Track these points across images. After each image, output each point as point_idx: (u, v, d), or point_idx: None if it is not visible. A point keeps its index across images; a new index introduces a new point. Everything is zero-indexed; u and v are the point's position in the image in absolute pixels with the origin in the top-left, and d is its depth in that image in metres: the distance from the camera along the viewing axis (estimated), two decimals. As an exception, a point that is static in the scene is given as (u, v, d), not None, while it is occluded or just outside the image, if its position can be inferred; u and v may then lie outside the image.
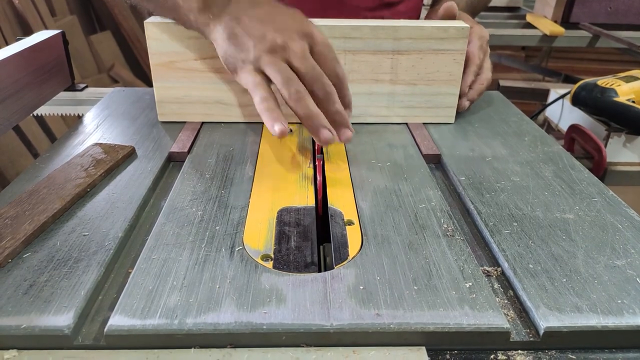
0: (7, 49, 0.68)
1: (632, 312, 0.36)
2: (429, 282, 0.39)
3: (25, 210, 0.46)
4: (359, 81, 0.68)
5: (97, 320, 0.37)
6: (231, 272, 0.40)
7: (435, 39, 0.65)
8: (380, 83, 0.68)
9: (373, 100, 0.69)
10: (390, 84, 0.68)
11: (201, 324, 0.34)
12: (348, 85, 0.58)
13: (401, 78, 0.68)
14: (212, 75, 0.67)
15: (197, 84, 0.67)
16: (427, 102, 0.70)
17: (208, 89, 0.68)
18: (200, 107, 0.69)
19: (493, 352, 0.35)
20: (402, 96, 0.69)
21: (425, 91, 0.69)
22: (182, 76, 0.67)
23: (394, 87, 0.68)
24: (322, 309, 0.36)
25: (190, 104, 0.69)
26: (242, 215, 0.48)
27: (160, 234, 0.44)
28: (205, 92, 0.68)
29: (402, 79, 0.68)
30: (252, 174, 0.56)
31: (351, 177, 0.55)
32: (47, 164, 0.57)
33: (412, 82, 0.68)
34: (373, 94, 0.69)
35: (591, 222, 0.47)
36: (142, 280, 0.38)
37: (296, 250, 0.43)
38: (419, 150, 0.62)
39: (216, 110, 0.69)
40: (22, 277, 0.39)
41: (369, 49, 0.66)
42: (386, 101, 0.69)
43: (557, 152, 0.62)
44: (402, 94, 0.69)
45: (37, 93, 0.72)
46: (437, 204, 0.50)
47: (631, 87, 0.88)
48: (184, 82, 0.67)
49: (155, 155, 0.60)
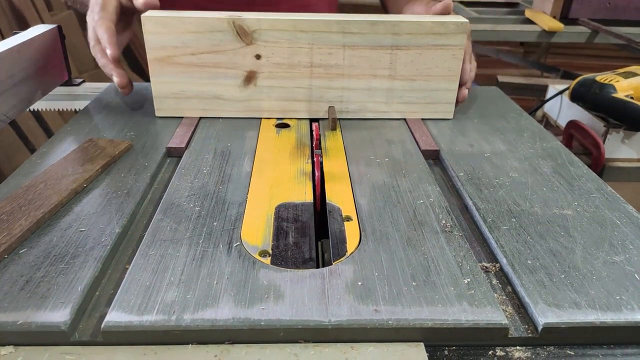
0: (4, 43, 0.67)
1: (631, 308, 0.36)
2: (428, 278, 0.39)
3: (22, 206, 0.46)
4: (358, 76, 0.68)
5: (94, 316, 0.36)
6: (229, 268, 0.39)
7: (434, 34, 0.65)
8: (379, 78, 0.68)
9: (372, 95, 0.69)
10: (389, 79, 0.68)
11: (199, 320, 0.34)
12: None
13: (400, 73, 0.68)
14: (209, 69, 0.66)
15: (195, 78, 0.67)
16: (426, 98, 0.70)
17: (206, 83, 0.67)
18: (198, 102, 0.69)
19: (491, 348, 0.35)
20: (400, 92, 0.69)
21: (424, 87, 0.69)
22: (180, 71, 0.66)
23: (392, 82, 0.68)
24: (320, 305, 0.36)
25: (188, 99, 0.68)
26: (240, 211, 0.47)
27: (157, 230, 0.44)
28: (203, 87, 0.68)
29: (401, 75, 0.68)
30: (250, 170, 0.55)
31: (349, 172, 0.55)
32: (43, 159, 0.57)
33: (411, 77, 0.68)
34: (372, 89, 0.69)
35: (589, 218, 0.47)
36: (139, 276, 0.38)
37: (294, 246, 0.43)
38: (418, 146, 0.62)
39: (214, 105, 0.69)
40: (19, 273, 0.39)
41: (368, 44, 0.65)
42: (385, 97, 0.69)
43: (556, 148, 0.62)
44: (400, 90, 0.69)
45: (34, 88, 0.71)
46: (436, 200, 0.50)
47: (630, 83, 0.88)
48: (181, 77, 0.67)
49: (153, 151, 0.59)
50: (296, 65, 0.67)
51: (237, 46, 0.65)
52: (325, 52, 0.66)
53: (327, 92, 0.69)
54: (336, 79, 0.68)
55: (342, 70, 0.67)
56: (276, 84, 0.68)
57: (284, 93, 0.69)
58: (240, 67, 0.67)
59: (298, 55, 0.66)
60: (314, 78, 0.68)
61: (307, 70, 0.67)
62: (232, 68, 0.67)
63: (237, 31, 0.64)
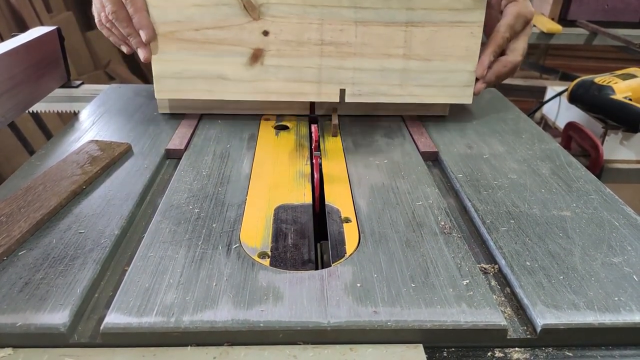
0: (3, 45, 0.67)
1: (629, 310, 0.36)
2: (426, 280, 0.39)
3: (21, 208, 0.46)
4: (371, 55, 0.64)
5: (93, 318, 0.36)
6: (228, 270, 0.39)
7: (451, 9, 0.62)
8: (393, 58, 0.64)
9: (385, 77, 0.66)
10: (404, 59, 0.65)
11: (198, 322, 0.34)
12: None
13: (415, 53, 0.64)
14: (214, 47, 0.64)
15: (198, 56, 0.64)
16: (443, 80, 0.66)
17: (209, 62, 0.65)
18: (201, 82, 0.66)
19: (490, 350, 0.35)
20: (415, 73, 0.65)
21: (441, 67, 0.65)
22: (183, 47, 0.64)
23: (407, 62, 0.65)
24: (319, 307, 0.36)
25: (190, 80, 0.66)
26: (239, 213, 0.47)
27: (156, 232, 0.44)
28: (207, 65, 0.65)
29: (417, 54, 0.64)
30: (249, 172, 0.56)
31: (348, 174, 0.55)
32: (42, 161, 0.57)
33: (426, 57, 0.65)
34: (385, 70, 0.65)
35: (588, 220, 0.47)
36: (138, 278, 0.38)
37: (293, 247, 0.43)
38: (417, 148, 0.62)
39: (217, 86, 0.66)
40: (18, 274, 0.39)
41: (381, 20, 0.62)
42: (399, 79, 0.66)
43: (554, 149, 0.62)
44: (416, 71, 0.65)
45: (33, 90, 0.71)
46: (435, 202, 0.50)
47: (628, 85, 0.88)
48: (184, 54, 0.64)
49: (152, 152, 0.59)
50: (305, 43, 0.63)
51: (244, 21, 0.62)
52: (337, 28, 0.63)
53: (337, 72, 0.65)
54: (348, 58, 0.64)
55: (354, 49, 0.64)
56: (284, 63, 0.65)
57: (292, 73, 0.65)
58: (246, 44, 0.64)
59: (308, 32, 0.63)
60: (324, 57, 0.64)
61: (317, 48, 0.64)
62: (237, 45, 0.64)
63: (244, 4, 0.61)
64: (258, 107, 0.70)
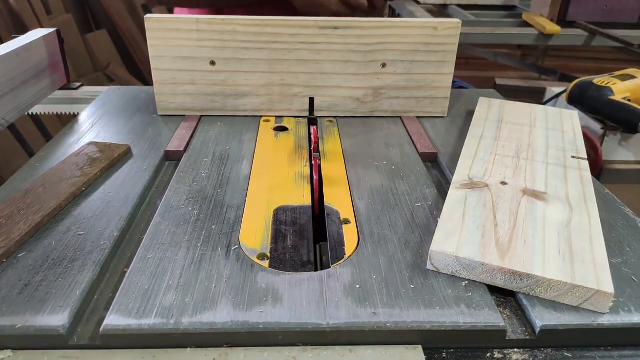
0: (2, 47, 0.67)
1: (628, 310, 0.36)
2: (426, 281, 0.39)
3: (20, 210, 0.46)
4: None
5: (92, 320, 0.36)
6: (227, 272, 0.39)
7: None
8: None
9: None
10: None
11: (197, 324, 0.34)
12: None
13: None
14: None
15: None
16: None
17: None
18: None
19: (489, 351, 0.36)
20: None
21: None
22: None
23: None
24: (319, 308, 0.36)
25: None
26: (239, 214, 0.48)
27: (156, 233, 0.44)
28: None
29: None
30: (249, 173, 0.56)
31: (347, 175, 0.55)
32: (42, 162, 0.57)
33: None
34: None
35: (587, 221, 0.47)
36: (138, 280, 0.38)
37: (292, 249, 0.43)
38: (416, 149, 0.62)
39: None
40: (17, 276, 0.39)
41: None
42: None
43: (553, 150, 0.62)
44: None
45: (33, 92, 0.71)
46: (434, 203, 0.50)
47: (627, 86, 0.88)
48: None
49: (151, 154, 0.60)
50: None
51: None
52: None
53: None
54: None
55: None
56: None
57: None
58: None
59: None
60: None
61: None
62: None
63: None
64: (257, 108, 0.71)
